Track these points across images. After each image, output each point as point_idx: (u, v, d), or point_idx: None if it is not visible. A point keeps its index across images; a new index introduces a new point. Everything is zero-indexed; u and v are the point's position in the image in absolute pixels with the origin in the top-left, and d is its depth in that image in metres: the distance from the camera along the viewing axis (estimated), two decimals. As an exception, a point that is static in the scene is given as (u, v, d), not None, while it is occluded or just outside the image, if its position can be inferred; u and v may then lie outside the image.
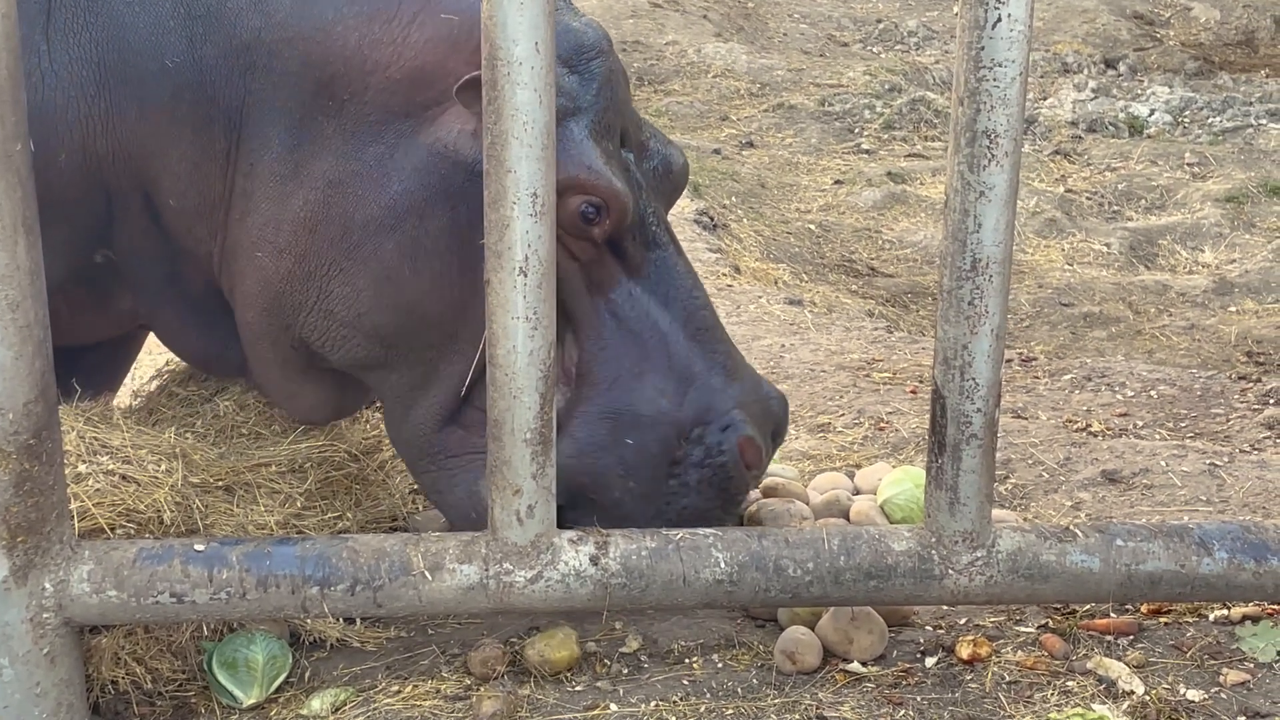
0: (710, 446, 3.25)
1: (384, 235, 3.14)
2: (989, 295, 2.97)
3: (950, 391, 3.02)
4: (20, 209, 2.64)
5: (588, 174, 3.13)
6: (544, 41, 2.74)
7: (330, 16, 3.14)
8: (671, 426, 3.23)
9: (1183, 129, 10.83)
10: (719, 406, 3.28)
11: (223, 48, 3.16)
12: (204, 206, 3.26)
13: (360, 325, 3.21)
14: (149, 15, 3.17)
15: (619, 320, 3.24)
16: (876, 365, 5.21)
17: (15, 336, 2.68)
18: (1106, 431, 4.52)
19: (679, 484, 3.23)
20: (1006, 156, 2.90)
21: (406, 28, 3.13)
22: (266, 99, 3.17)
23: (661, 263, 3.32)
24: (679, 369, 3.26)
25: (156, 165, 3.23)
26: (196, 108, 3.18)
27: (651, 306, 3.28)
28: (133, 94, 3.17)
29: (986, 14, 2.84)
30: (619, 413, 3.20)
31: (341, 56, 3.14)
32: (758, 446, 3.30)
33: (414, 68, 3.13)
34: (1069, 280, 7.88)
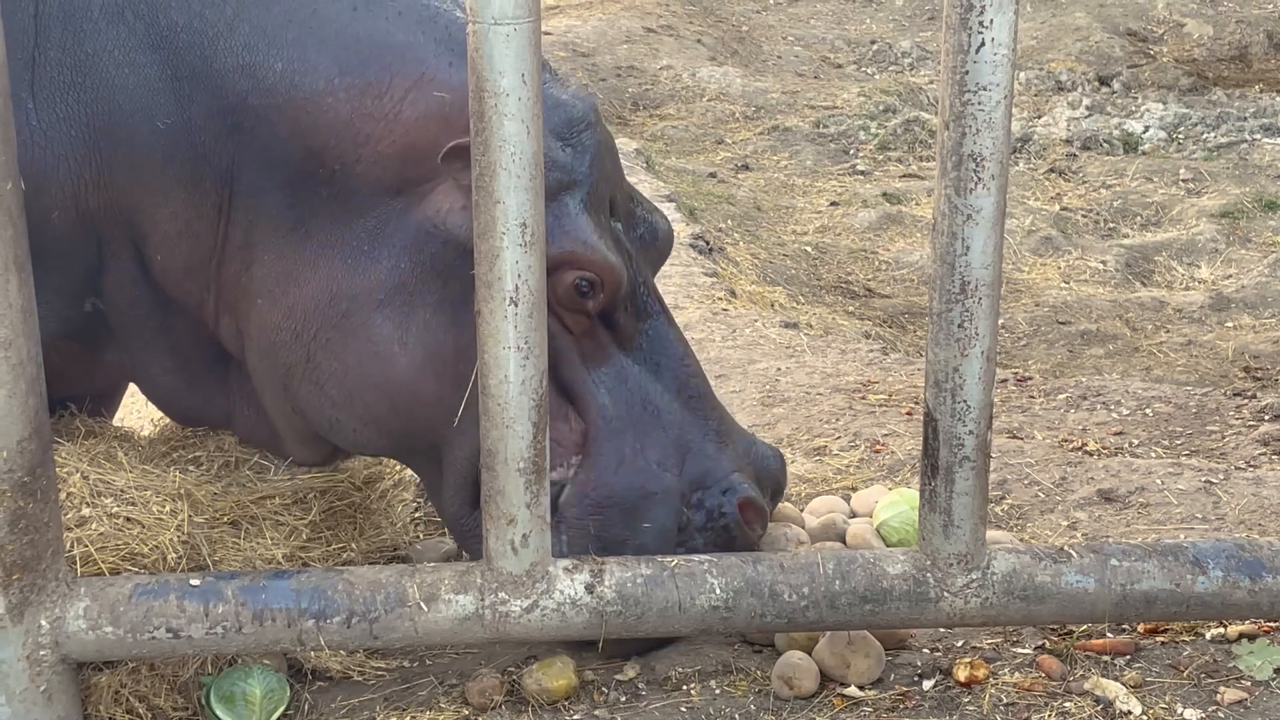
0: (711, 510, 3.31)
1: (371, 310, 3.15)
2: (979, 318, 2.99)
3: (942, 414, 3.03)
4: (12, 248, 2.65)
5: (583, 249, 3.16)
6: (530, 73, 2.76)
7: (321, 87, 3.14)
8: (677, 497, 3.28)
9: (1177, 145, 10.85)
10: (716, 471, 3.33)
11: (210, 109, 3.16)
12: (193, 262, 3.26)
13: (352, 407, 3.22)
14: (138, 77, 3.16)
15: (615, 395, 3.27)
16: (872, 387, 5.22)
17: (9, 374, 2.69)
18: (1102, 450, 4.52)
19: (685, 551, 3.23)
20: (993, 179, 2.92)
21: (399, 104, 3.13)
22: (258, 159, 3.17)
23: (653, 332, 3.36)
24: (675, 439, 3.32)
25: (146, 222, 3.22)
26: (187, 166, 3.18)
27: (645, 379, 3.32)
28: (123, 154, 3.16)
29: (970, 38, 2.86)
30: (630, 496, 3.23)
31: (332, 128, 3.14)
32: (758, 506, 3.35)
33: (405, 144, 3.13)
34: (1065, 298, 7.89)
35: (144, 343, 3.44)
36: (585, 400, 3.25)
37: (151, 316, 3.39)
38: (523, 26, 2.73)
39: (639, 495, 3.23)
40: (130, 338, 3.43)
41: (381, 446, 3.35)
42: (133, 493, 3.21)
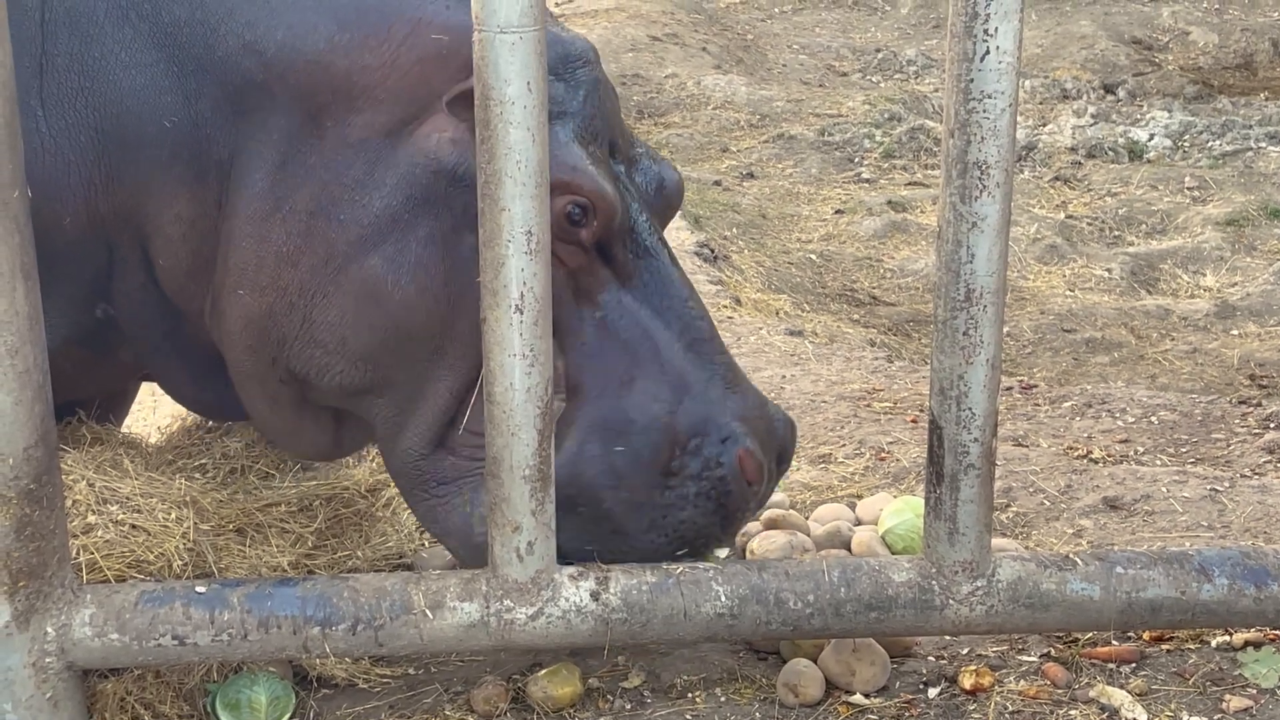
0: (708, 459, 3.12)
1: (367, 253, 3.11)
2: (984, 325, 2.99)
3: (947, 422, 3.03)
4: (18, 255, 2.66)
5: (572, 174, 3.07)
6: (536, 81, 2.76)
7: (322, 46, 3.13)
8: (664, 433, 3.12)
9: (1182, 153, 10.84)
10: (717, 418, 3.15)
11: (216, 99, 3.15)
12: (197, 264, 3.24)
13: (345, 350, 3.17)
14: (144, 77, 3.16)
15: (608, 328, 3.16)
16: (877, 395, 5.22)
17: (15, 382, 2.70)
18: (1107, 458, 4.52)
19: (676, 496, 3.11)
20: (998, 187, 2.92)
21: (396, 50, 3.12)
22: (254, 141, 3.15)
23: (654, 271, 3.24)
24: (673, 378, 3.16)
25: (151, 225, 3.21)
26: (192, 164, 3.17)
27: (643, 315, 3.19)
28: (132, 157, 3.16)
29: (975, 46, 2.86)
30: (607, 420, 3.12)
31: (331, 86, 3.13)
32: (758, 461, 3.17)
33: (400, 88, 3.11)
34: (1070, 306, 7.88)
35: (156, 344, 3.44)
36: (568, 335, 3.14)
37: (162, 319, 3.38)
38: (528, 35, 2.73)
39: (619, 420, 3.12)
40: (142, 340, 3.43)
41: (360, 383, 3.23)
42: (138, 500, 3.21)
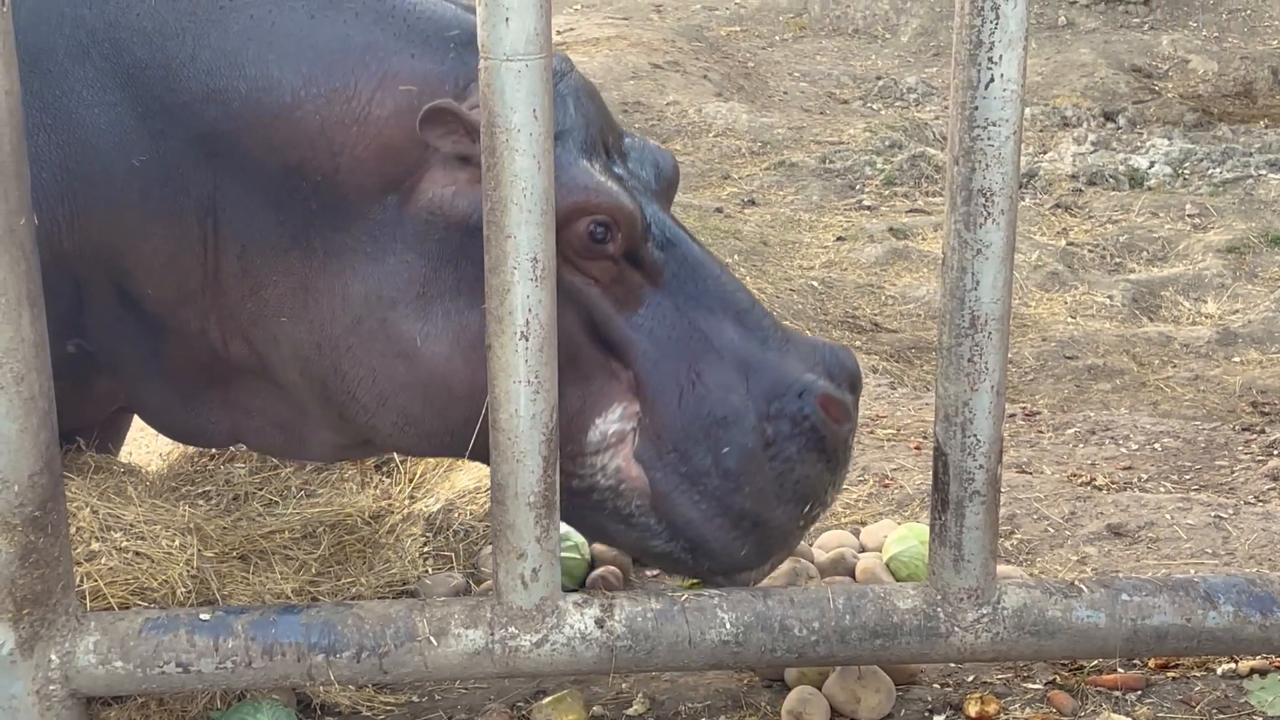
0: (794, 416, 3.14)
1: (386, 310, 3.09)
2: (988, 352, 2.99)
3: (952, 448, 3.03)
4: (24, 283, 2.66)
5: (589, 194, 3.07)
6: (542, 109, 2.77)
7: (288, 100, 3.09)
8: (750, 415, 3.13)
9: (1183, 180, 10.86)
10: (786, 378, 3.17)
11: (183, 140, 3.12)
12: (185, 293, 3.22)
13: (386, 411, 3.16)
14: (108, 116, 3.12)
15: (660, 331, 3.16)
16: (880, 422, 5.22)
17: (20, 409, 2.70)
18: (1111, 485, 4.52)
19: (781, 463, 3.12)
20: (1003, 214, 2.93)
21: (367, 105, 3.08)
22: (239, 183, 3.13)
23: (682, 259, 3.23)
24: (735, 358, 3.17)
25: (129, 259, 3.18)
26: (166, 201, 3.13)
27: (687, 307, 3.19)
28: (100, 194, 3.12)
29: (979, 74, 2.87)
30: (699, 427, 3.13)
31: (306, 140, 3.09)
32: (839, 400, 3.19)
33: (381, 144, 3.08)
34: (1072, 333, 7.89)
35: (135, 372, 3.41)
36: (627, 347, 3.14)
37: (140, 347, 3.35)
38: (534, 63, 2.74)
39: (709, 423, 3.12)
40: (120, 369, 3.41)
41: (429, 447, 3.25)
42: (142, 527, 3.21)
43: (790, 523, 3.17)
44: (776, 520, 3.14)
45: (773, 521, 3.14)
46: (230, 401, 3.45)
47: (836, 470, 3.22)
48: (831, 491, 3.25)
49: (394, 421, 3.17)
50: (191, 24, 3.14)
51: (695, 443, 3.11)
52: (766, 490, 3.12)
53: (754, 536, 3.14)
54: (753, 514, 3.13)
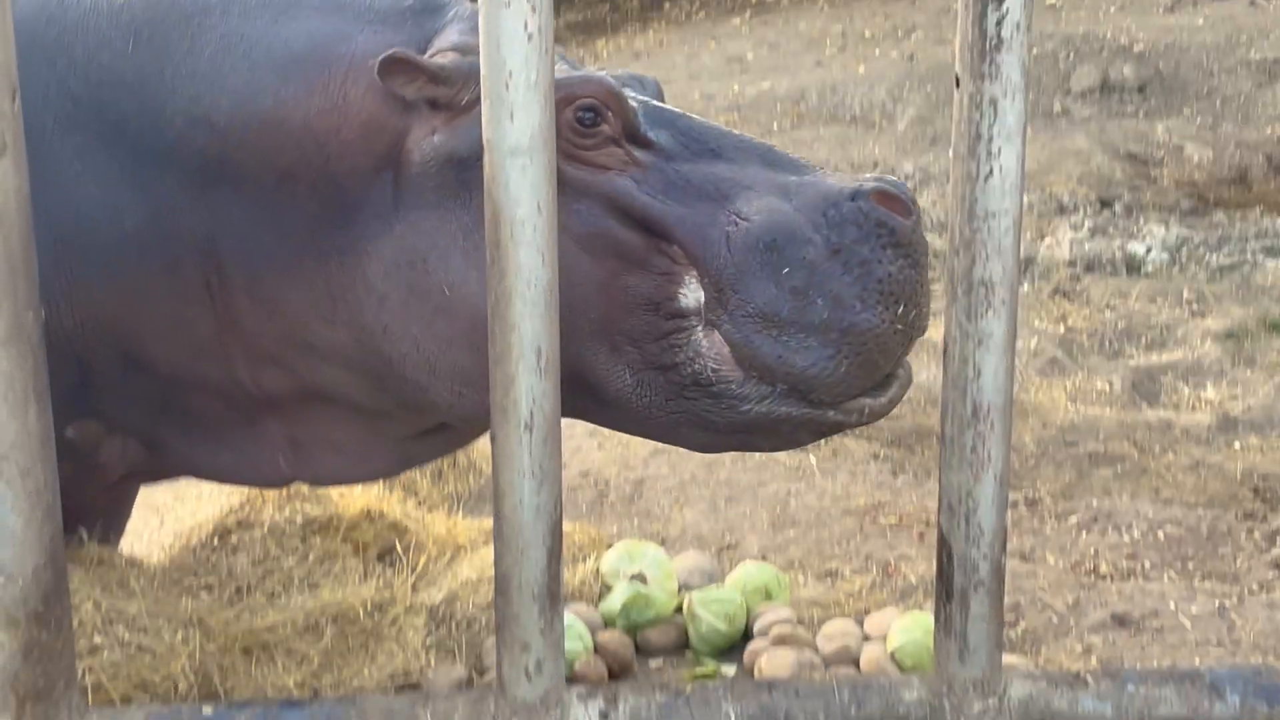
0: (855, 219, 2.99)
1: (407, 274, 3.10)
2: (991, 442, 2.99)
3: (956, 539, 3.02)
4: (31, 378, 2.67)
5: (568, 86, 3.05)
6: (545, 202, 2.79)
7: (270, 103, 3.15)
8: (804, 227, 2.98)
9: (1180, 266, 10.91)
10: (832, 189, 3.04)
11: (176, 182, 3.16)
12: (198, 347, 3.22)
13: (439, 377, 3.14)
14: (99, 183, 3.18)
15: (687, 197, 3.07)
16: (883, 509, 5.21)
17: (25, 503, 2.70)
18: (1115, 574, 4.51)
19: (858, 266, 2.96)
20: (1003, 305, 2.94)
21: (341, 87, 3.15)
22: (235, 211, 3.15)
23: (688, 129, 3.17)
24: (771, 188, 3.05)
25: (134, 326, 3.20)
26: (164, 256, 3.16)
27: (707, 165, 3.11)
28: (97, 264, 3.16)
29: (978, 167, 2.90)
30: (756, 251, 2.98)
31: (293, 139, 3.14)
32: (895, 193, 3.05)
33: (362, 122, 3.13)
34: (1073, 419, 7.89)
35: (166, 435, 3.41)
36: (661, 219, 3.05)
37: (164, 411, 3.36)
38: (538, 158, 2.77)
39: (761, 251, 2.98)
40: (148, 434, 3.41)
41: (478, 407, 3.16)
42: (145, 620, 3.21)
43: (885, 326, 2.98)
44: (866, 323, 2.96)
45: (862, 325, 2.96)
46: (278, 436, 3.43)
47: (917, 265, 3.04)
48: (923, 294, 3.06)
49: (450, 387, 3.16)
50: (168, 60, 3.20)
51: (754, 277, 2.99)
52: (845, 296, 2.96)
53: (847, 348, 2.96)
54: (837, 323, 2.96)
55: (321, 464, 3.48)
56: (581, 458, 5.95)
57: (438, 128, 3.10)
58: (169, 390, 3.32)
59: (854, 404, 3.02)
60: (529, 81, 2.74)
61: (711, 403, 3.02)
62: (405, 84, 3.06)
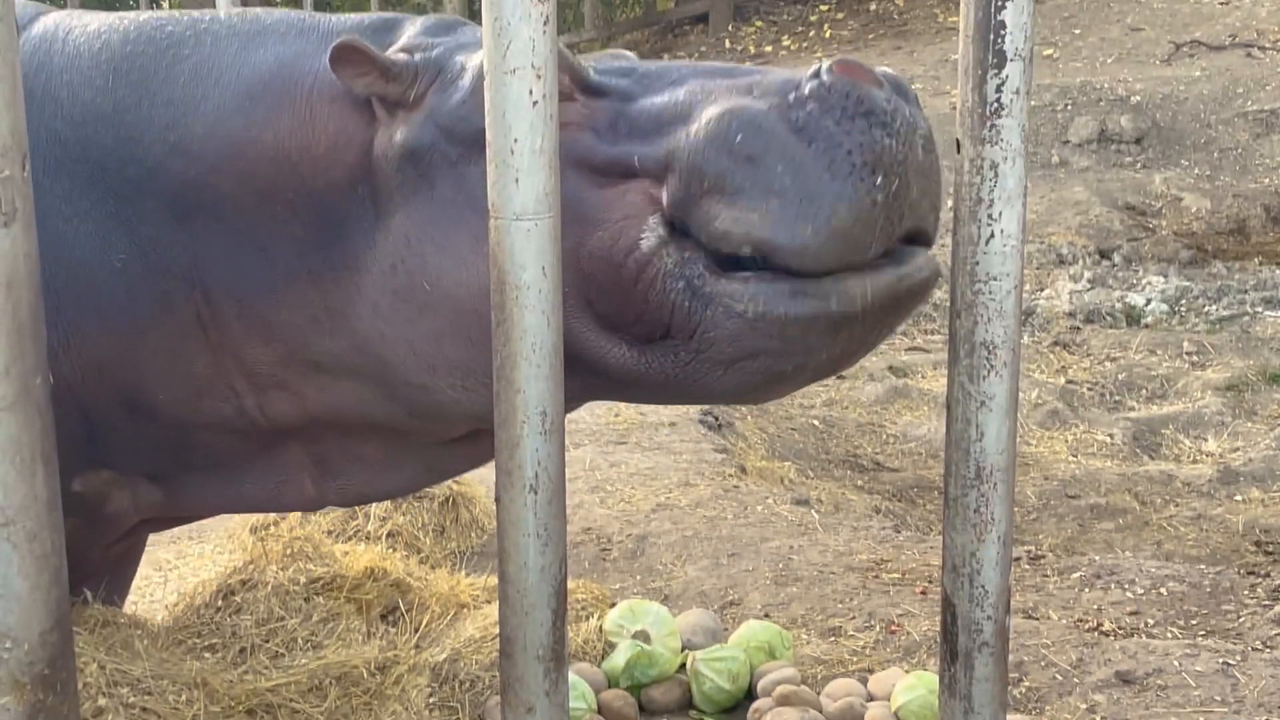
0: (816, 94, 2.85)
1: (390, 278, 3.11)
2: (994, 502, 3.01)
3: (960, 599, 3.03)
4: (39, 441, 2.68)
5: None
6: (550, 266, 2.81)
7: (242, 124, 3.18)
8: (757, 104, 2.86)
9: (1180, 318, 10.94)
10: (794, 75, 2.90)
11: (156, 212, 3.18)
12: (198, 384, 3.24)
13: (441, 376, 3.14)
14: (88, 223, 3.20)
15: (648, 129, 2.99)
16: (885, 566, 5.21)
17: (32, 567, 2.70)
18: (1118, 631, 4.50)
19: (823, 141, 2.81)
20: (1005, 366, 2.96)
21: (308, 104, 3.18)
22: (218, 234, 3.18)
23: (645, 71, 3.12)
24: (730, 89, 2.96)
25: (132, 370, 3.21)
26: (154, 292, 3.18)
27: (667, 93, 3.02)
28: (90, 308, 3.17)
29: (979, 230, 2.92)
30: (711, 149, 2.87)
31: (268, 159, 3.16)
32: (859, 66, 2.88)
33: (330, 135, 3.16)
34: (1074, 472, 7.90)
35: (180, 477, 3.42)
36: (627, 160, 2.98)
37: (175, 452, 3.37)
38: (543, 222, 2.79)
39: (716, 138, 2.87)
40: (162, 479, 3.42)
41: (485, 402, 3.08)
42: (149, 682, 3.21)
43: (860, 195, 2.80)
44: (835, 191, 2.80)
45: (829, 193, 2.80)
46: (300, 458, 3.44)
47: (899, 137, 2.86)
48: (912, 168, 2.89)
49: (452, 383, 3.15)
50: (145, 90, 3.25)
51: (711, 161, 2.86)
52: (809, 165, 2.81)
53: (812, 211, 2.80)
54: (799, 189, 2.81)
55: (349, 480, 3.48)
56: (583, 514, 5.96)
57: (394, 128, 3.13)
58: (178, 432, 3.33)
59: (853, 287, 2.89)
60: (534, 147, 2.76)
61: (713, 319, 2.91)
62: (355, 76, 3.09)
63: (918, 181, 2.92)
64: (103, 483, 3.40)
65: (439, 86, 3.12)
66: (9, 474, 2.64)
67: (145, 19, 3.38)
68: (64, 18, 3.45)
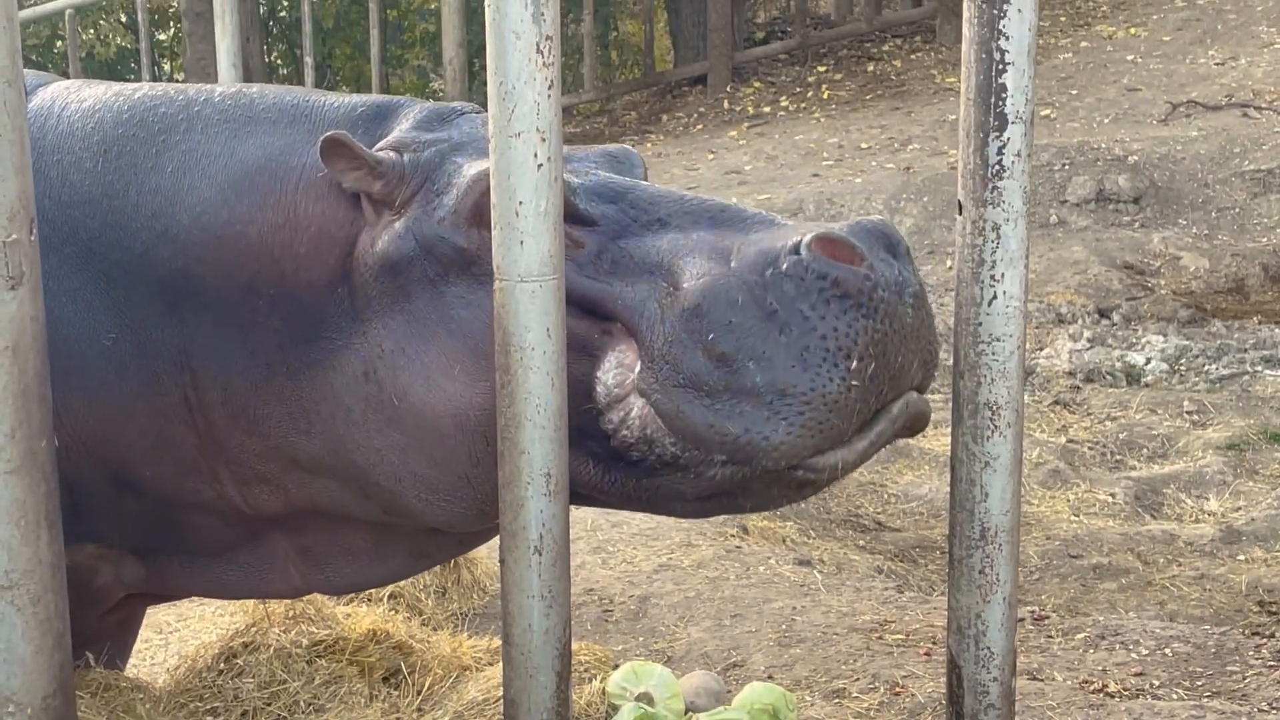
0: (794, 274, 2.80)
1: (362, 387, 3.11)
2: (999, 564, 3.01)
3: (965, 661, 3.03)
4: (44, 505, 2.68)
5: (481, 177, 3.04)
6: (554, 327, 2.83)
7: (226, 218, 3.19)
8: (732, 289, 2.83)
9: (1179, 377, 10.94)
10: (775, 245, 2.85)
11: (145, 297, 3.19)
12: (184, 465, 3.24)
13: (407, 487, 3.14)
14: (76, 302, 3.21)
15: (625, 271, 3.00)
16: (889, 627, 5.19)
17: (36, 630, 2.70)
18: (1123, 692, 4.48)
19: (797, 325, 2.79)
20: (1009, 427, 2.97)
21: (293, 201, 3.18)
22: (204, 322, 3.18)
23: (634, 202, 3.09)
24: (710, 251, 2.92)
25: (120, 447, 3.22)
26: (142, 372, 3.19)
27: (649, 237, 3.01)
28: (78, 386, 3.18)
29: (982, 292, 2.94)
30: (682, 327, 2.86)
31: (251, 253, 3.17)
32: (840, 240, 2.82)
33: (313, 235, 3.16)
34: (1076, 531, 7.87)
35: (166, 557, 3.41)
36: (600, 300, 3.00)
37: (160, 533, 3.36)
38: (547, 283, 2.81)
39: (688, 317, 2.85)
40: (148, 557, 3.41)
41: (462, 509, 3.14)
42: (151, 746, 3.19)
43: (834, 385, 2.78)
44: (808, 384, 2.78)
45: (802, 387, 2.78)
46: (286, 548, 3.43)
47: (880, 321, 2.80)
48: (892, 344, 2.83)
49: (417, 494, 3.16)
50: (133, 176, 3.26)
51: (682, 345, 2.85)
52: (781, 357, 2.79)
53: (787, 410, 2.78)
54: (770, 386, 2.79)
55: (335, 571, 3.47)
56: (585, 574, 5.94)
57: (377, 231, 3.13)
58: (163, 511, 3.33)
59: (823, 460, 2.84)
60: (539, 210, 2.79)
61: (678, 474, 2.91)
62: (345, 170, 3.09)
63: (904, 348, 2.87)
64: (89, 556, 3.39)
65: (424, 197, 3.11)
66: (13, 537, 2.64)
67: (140, 97, 3.38)
68: (62, 91, 3.45)
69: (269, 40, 23.00)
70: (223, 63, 10.39)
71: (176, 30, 22.30)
